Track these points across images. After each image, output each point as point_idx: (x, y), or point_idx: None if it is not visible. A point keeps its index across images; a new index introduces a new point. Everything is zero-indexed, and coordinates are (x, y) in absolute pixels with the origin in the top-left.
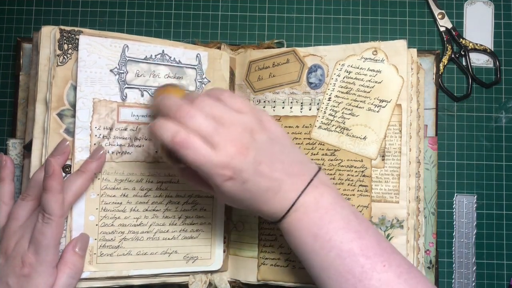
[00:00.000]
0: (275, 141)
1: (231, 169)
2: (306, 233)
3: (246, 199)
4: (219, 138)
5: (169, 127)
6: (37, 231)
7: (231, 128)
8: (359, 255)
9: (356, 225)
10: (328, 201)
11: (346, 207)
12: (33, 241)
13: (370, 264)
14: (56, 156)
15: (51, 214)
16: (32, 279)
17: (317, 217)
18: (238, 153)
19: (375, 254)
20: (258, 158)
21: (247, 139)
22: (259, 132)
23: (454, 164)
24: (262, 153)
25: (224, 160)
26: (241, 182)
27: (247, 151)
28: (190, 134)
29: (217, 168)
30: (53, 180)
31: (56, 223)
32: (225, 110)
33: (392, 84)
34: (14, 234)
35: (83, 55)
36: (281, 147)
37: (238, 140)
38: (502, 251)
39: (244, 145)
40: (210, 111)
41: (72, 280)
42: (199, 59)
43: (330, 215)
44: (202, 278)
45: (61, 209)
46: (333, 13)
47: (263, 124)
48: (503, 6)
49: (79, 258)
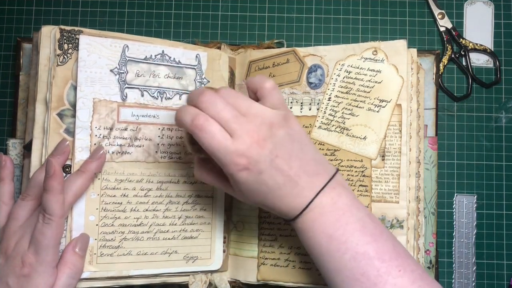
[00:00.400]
0: (295, 138)
1: (246, 158)
2: (321, 234)
3: (261, 192)
4: (238, 127)
5: (190, 111)
6: (37, 231)
7: (251, 119)
8: (374, 258)
9: (372, 228)
10: (345, 202)
11: (362, 210)
12: (33, 241)
13: (386, 268)
14: (56, 156)
15: (51, 215)
16: (32, 279)
17: (333, 218)
18: (254, 143)
19: (390, 258)
20: (275, 152)
21: (265, 132)
22: (279, 127)
23: (454, 164)
24: (279, 147)
25: (240, 148)
26: (256, 173)
27: (264, 143)
28: (209, 119)
29: (233, 156)
30: (54, 181)
31: (57, 223)
32: (248, 102)
33: (392, 84)
34: (14, 234)
35: (83, 55)
36: (300, 145)
37: (256, 131)
38: (502, 251)
39: (261, 136)
40: (233, 101)
41: (72, 280)
42: (199, 60)
43: (346, 216)
44: (202, 278)
45: (62, 209)
46: (333, 13)
47: (286, 121)
48: (503, 6)
49: (79, 258)
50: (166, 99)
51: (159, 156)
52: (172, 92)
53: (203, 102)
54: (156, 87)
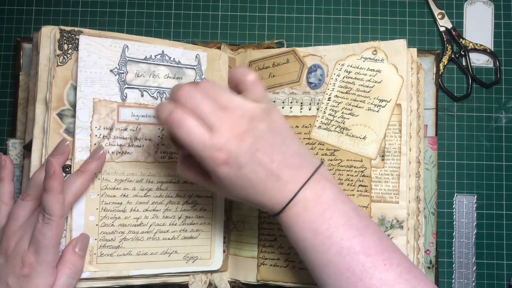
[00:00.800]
0: (276, 131)
1: (225, 152)
2: (306, 229)
3: (244, 187)
4: (216, 120)
5: (167, 106)
6: (37, 231)
7: (231, 112)
8: (360, 252)
9: (357, 222)
10: (330, 196)
11: (347, 203)
12: (33, 241)
13: (371, 263)
14: (56, 156)
15: (51, 215)
16: (32, 279)
17: (318, 212)
18: (234, 137)
19: (376, 252)
20: (256, 145)
21: (245, 125)
22: (260, 121)
23: (454, 164)
24: (260, 141)
25: (218, 142)
26: (237, 167)
27: (244, 136)
28: (185, 113)
29: (211, 150)
30: (53, 181)
31: (56, 223)
32: (229, 95)
33: (392, 84)
34: (14, 234)
35: (83, 55)
36: (282, 138)
37: (235, 125)
38: (502, 251)
39: (241, 130)
40: (213, 94)
41: (72, 280)
42: (198, 60)
43: (331, 210)
44: (202, 278)
45: (62, 209)
46: (333, 13)
47: (268, 114)
48: (503, 6)
49: (79, 258)
50: (166, 99)
51: (159, 156)
52: None
53: (181, 97)
54: (156, 87)
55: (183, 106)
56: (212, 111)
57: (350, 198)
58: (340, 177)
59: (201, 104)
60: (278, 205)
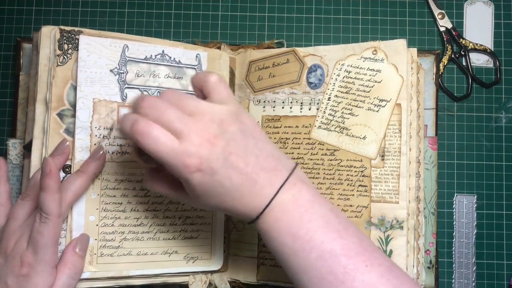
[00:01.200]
0: (248, 134)
1: (197, 158)
2: (285, 234)
3: (218, 195)
4: (183, 127)
5: (130, 117)
6: (35, 231)
7: (199, 118)
8: (341, 255)
9: (336, 224)
10: (306, 198)
11: (324, 205)
12: (31, 241)
13: (353, 265)
14: (56, 157)
15: (48, 214)
16: (31, 279)
17: (296, 216)
18: (205, 141)
19: (357, 253)
20: (228, 149)
21: (215, 129)
22: (230, 123)
23: (454, 164)
24: (233, 144)
25: (189, 149)
26: (210, 173)
27: (216, 140)
28: (149, 123)
29: (183, 157)
30: (49, 179)
31: (54, 222)
32: (194, 101)
33: (392, 84)
34: (13, 234)
35: (83, 55)
36: (255, 141)
37: (205, 129)
38: (502, 251)
39: (212, 134)
40: (177, 102)
41: (72, 280)
42: (199, 59)
43: (309, 213)
44: (202, 278)
45: (58, 208)
46: (333, 13)
47: (237, 117)
48: (503, 6)
49: (79, 259)
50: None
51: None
52: None
53: (144, 108)
54: (156, 87)
55: (147, 117)
56: (178, 118)
57: (350, 198)
58: (340, 177)
59: (165, 113)
60: (255, 211)
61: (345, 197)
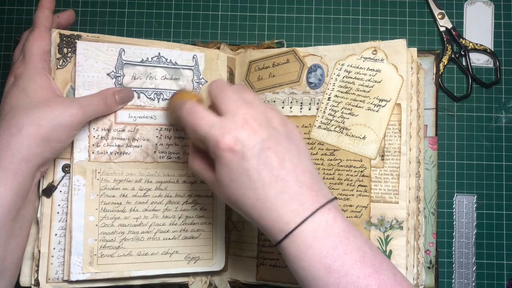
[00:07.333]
0: (293, 142)
1: (234, 137)
2: (318, 264)
3: (242, 186)
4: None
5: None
6: (26, 40)
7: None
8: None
9: (372, 258)
10: (341, 228)
11: (359, 237)
12: (23, 49)
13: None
14: None
15: (35, 23)
16: (20, 81)
17: (330, 246)
18: (248, 126)
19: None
20: (268, 143)
21: (263, 121)
22: (279, 124)
23: (454, 164)
24: (274, 141)
25: (229, 126)
26: (241, 157)
27: (260, 129)
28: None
29: (219, 130)
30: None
31: (39, 31)
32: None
33: (392, 84)
34: None
35: (81, 60)
36: (298, 151)
37: (254, 116)
38: (502, 251)
39: (258, 122)
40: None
41: (89, 108)
42: (196, 60)
43: (344, 244)
44: (202, 278)
45: (46, 21)
46: (333, 13)
47: (286, 124)
48: (503, 6)
49: (113, 102)
50: (163, 100)
51: (158, 156)
52: (169, 93)
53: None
54: (152, 89)
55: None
56: (232, 100)
57: (350, 198)
58: (339, 177)
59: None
60: (280, 225)
61: (344, 197)
